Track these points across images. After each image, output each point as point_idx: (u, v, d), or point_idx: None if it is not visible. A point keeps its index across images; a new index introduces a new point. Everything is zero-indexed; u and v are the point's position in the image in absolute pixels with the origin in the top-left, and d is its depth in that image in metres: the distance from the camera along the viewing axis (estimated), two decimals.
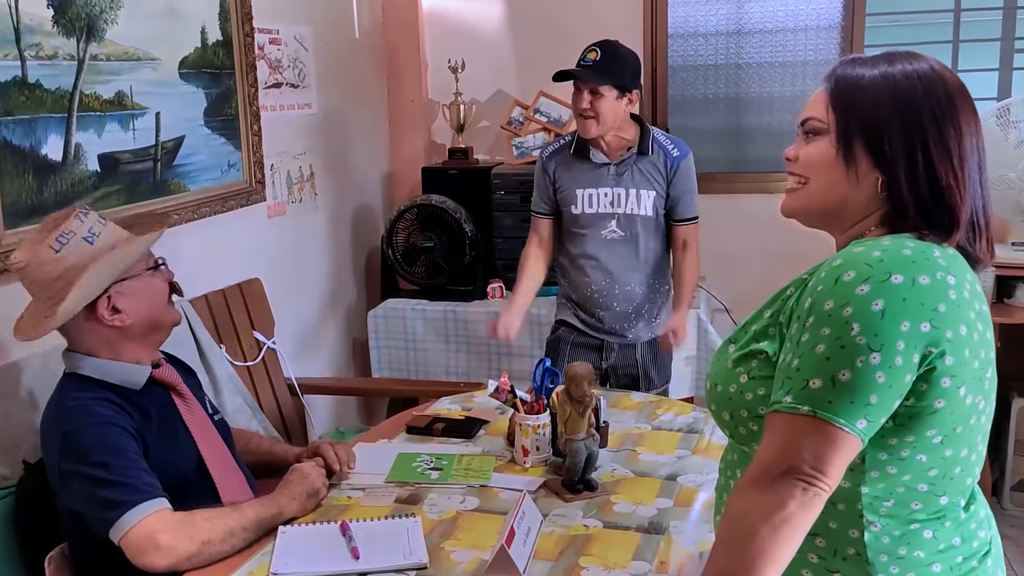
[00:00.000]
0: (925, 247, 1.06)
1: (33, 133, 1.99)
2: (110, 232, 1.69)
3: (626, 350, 2.66)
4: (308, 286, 3.37)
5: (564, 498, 1.76)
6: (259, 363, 2.77)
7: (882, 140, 1.08)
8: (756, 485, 1.03)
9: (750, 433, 1.14)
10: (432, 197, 3.45)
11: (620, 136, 2.57)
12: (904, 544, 1.08)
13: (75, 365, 1.69)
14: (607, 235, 2.60)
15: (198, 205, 2.56)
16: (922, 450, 1.06)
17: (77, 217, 1.65)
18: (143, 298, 1.71)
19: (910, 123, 1.08)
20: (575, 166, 2.62)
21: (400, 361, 3.49)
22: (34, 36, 1.98)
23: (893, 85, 1.09)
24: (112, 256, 1.65)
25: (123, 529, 1.52)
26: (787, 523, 1.00)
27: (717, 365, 1.21)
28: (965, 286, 1.06)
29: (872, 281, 1.00)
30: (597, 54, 2.49)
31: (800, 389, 1.02)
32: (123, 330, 1.68)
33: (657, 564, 1.51)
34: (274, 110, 3.03)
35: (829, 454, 1.00)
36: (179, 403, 1.78)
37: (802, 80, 3.71)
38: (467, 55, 3.74)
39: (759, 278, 3.42)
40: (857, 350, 0.99)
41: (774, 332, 1.13)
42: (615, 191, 2.58)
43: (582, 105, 2.49)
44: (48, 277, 1.62)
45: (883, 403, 1.00)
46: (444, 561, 1.54)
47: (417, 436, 2.12)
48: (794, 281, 1.15)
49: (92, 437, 1.57)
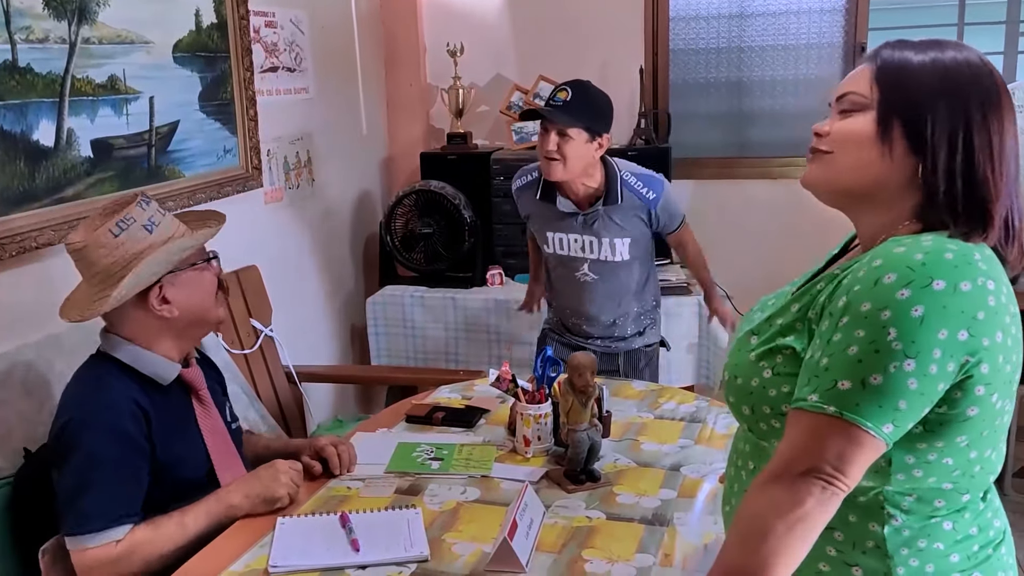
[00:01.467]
0: (967, 250, 1.02)
1: (24, 118, 1.95)
2: (168, 223, 1.69)
3: (607, 358, 2.64)
4: (306, 273, 3.34)
5: (566, 489, 1.74)
6: (256, 351, 2.74)
7: (924, 124, 1.05)
8: (776, 482, 1.01)
9: (771, 429, 1.11)
10: (431, 183, 3.42)
11: (587, 184, 2.43)
12: (924, 536, 1.07)
13: (111, 347, 1.67)
14: (580, 277, 2.55)
15: (193, 191, 2.52)
16: (949, 454, 1.04)
17: (139, 204, 1.64)
18: (193, 290, 1.70)
19: (956, 110, 1.04)
20: (544, 210, 2.52)
21: (399, 348, 3.46)
22: (24, 19, 1.93)
23: (943, 70, 1.06)
24: (170, 246, 1.64)
25: (80, 546, 1.54)
26: (803, 521, 0.99)
27: (738, 356, 1.18)
28: (1003, 290, 1.02)
29: (914, 286, 0.97)
30: (568, 94, 2.34)
31: (828, 389, 0.99)
32: (169, 321, 1.67)
33: (662, 557, 1.49)
34: (270, 94, 2.98)
35: (852, 455, 0.98)
36: (197, 408, 1.75)
37: (805, 64, 3.67)
38: (466, 39, 3.69)
39: (761, 263, 3.41)
40: (892, 355, 0.96)
41: (802, 328, 1.10)
42: (585, 238, 2.50)
43: (548, 147, 2.34)
44: (105, 261, 1.62)
45: (912, 409, 0.98)
46: (445, 553, 1.52)
47: (417, 425, 2.10)
48: (825, 276, 1.12)
49: (95, 444, 1.56)
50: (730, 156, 3.80)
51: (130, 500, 1.58)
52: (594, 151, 2.38)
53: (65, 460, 1.56)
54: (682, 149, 3.66)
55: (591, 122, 2.34)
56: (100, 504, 1.54)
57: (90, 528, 1.53)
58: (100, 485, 1.54)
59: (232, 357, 2.58)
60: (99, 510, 1.54)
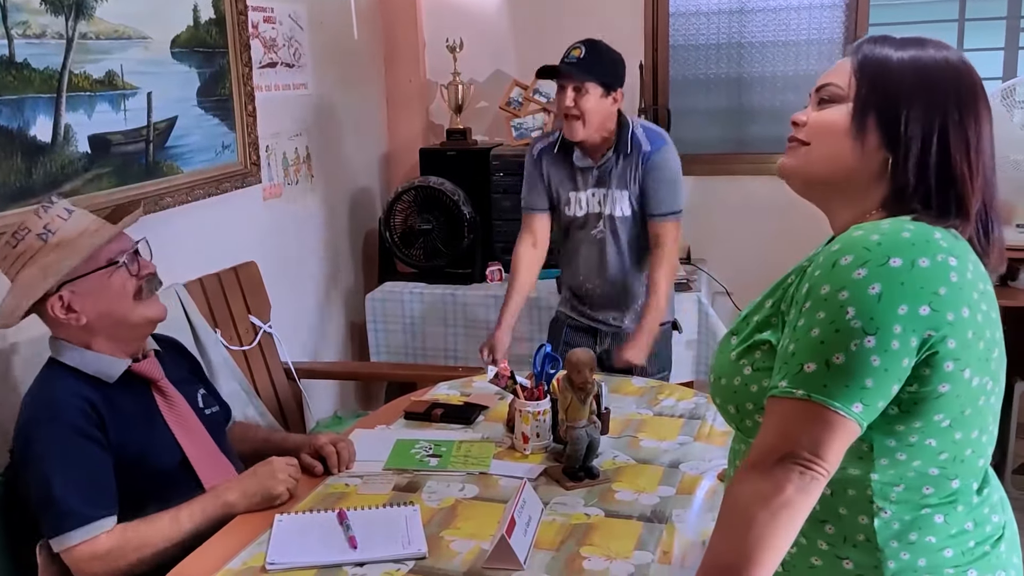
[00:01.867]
0: (926, 229, 1.04)
1: (21, 114, 1.94)
2: (73, 225, 1.65)
3: (619, 338, 2.63)
4: (305, 269, 3.33)
5: (565, 486, 1.74)
6: (255, 347, 2.74)
7: (899, 119, 1.07)
8: (754, 471, 1.02)
9: (756, 425, 1.12)
10: (430, 179, 3.41)
11: (603, 136, 2.49)
12: (915, 529, 1.07)
13: (57, 351, 1.69)
14: (596, 235, 2.58)
15: (192, 187, 2.52)
16: (931, 435, 1.05)
17: (38, 212, 1.63)
18: (98, 297, 1.66)
19: (932, 107, 1.06)
20: (562, 167, 2.58)
21: (398, 344, 3.46)
22: (21, 14, 1.93)
23: (922, 67, 1.08)
24: (48, 259, 1.62)
25: (65, 545, 1.54)
26: (785, 508, 0.99)
27: (720, 358, 1.20)
28: (968, 267, 1.04)
29: (870, 265, 0.99)
30: (582, 51, 2.44)
31: (795, 373, 1.01)
32: (88, 326, 1.66)
33: (660, 555, 1.49)
34: (269, 90, 2.98)
35: (825, 438, 0.99)
36: (159, 399, 1.75)
37: (805, 59, 3.66)
38: (465, 34, 3.68)
39: (760, 259, 3.39)
40: (852, 334, 0.98)
41: (776, 321, 1.12)
42: (599, 191, 2.54)
43: (566, 103, 2.43)
44: (5, 274, 1.63)
45: (880, 387, 0.99)
46: (443, 551, 1.52)
47: (415, 422, 2.10)
48: (795, 269, 1.14)
49: (46, 439, 1.57)
50: (730, 152, 3.79)
51: (100, 493, 1.58)
52: (609, 105, 2.46)
53: (25, 464, 1.58)
54: (682, 145, 3.60)
55: (605, 76, 2.43)
56: (68, 500, 1.54)
57: (67, 526, 1.53)
58: (63, 481, 1.54)
59: (231, 354, 2.57)
60: (69, 507, 1.54)
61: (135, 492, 1.62)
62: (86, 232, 1.66)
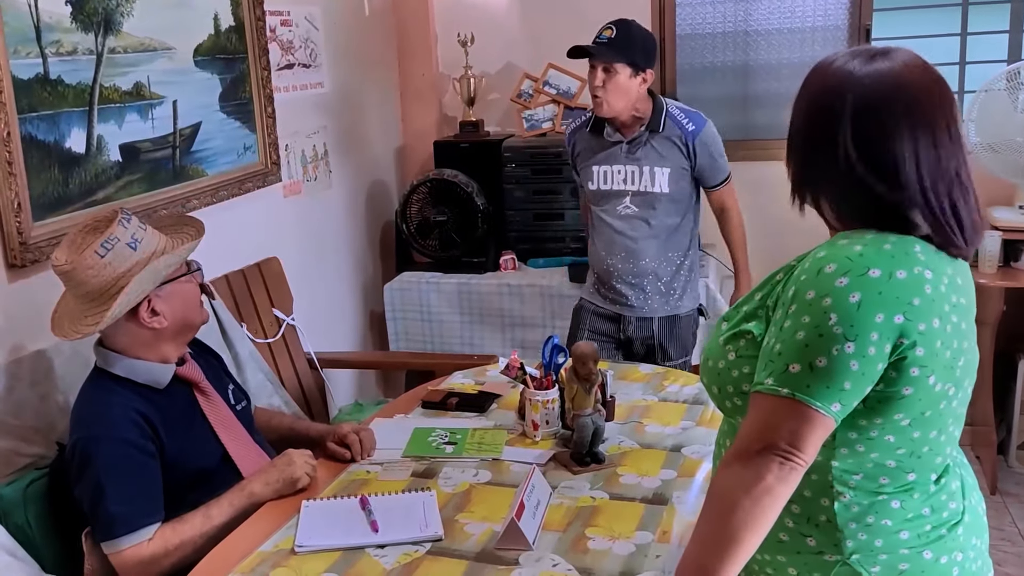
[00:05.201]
0: (906, 242, 1.11)
1: (56, 127, 2.06)
2: (151, 237, 1.78)
3: (643, 322, 2.72)
4: (325, 262, 3.45)
5: (572, 471, 1.84)
6: (279, 339, 2.86)
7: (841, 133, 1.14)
8: (738, 459, 1.12)
9: (735, 407, 1.23)
10: (444, 172, 3.51)
11: (634, 115, 2.61)
12: (872, 513, 1.16)
13: (106, 362, 1.79)
14: (622, 211, 2.66)
15: (216, 189, 2.63)
16: (890, 431, 1.13)
17: (120, 223, 1.73)
18: (179, 301, 1.81)
19: (881, 121, 1.12)
20: (592, 143, 2.69)
21: (416, 333, 3.57)
22: (54, 33, 2.04)
23: (865, 84, 1.13)
24: (156, 264, 1.74)
25: (114, 549, 1.66)
26: (766, 495, 1.08)
27: (711, 342, 1.30)
28: (943, 280, 1.11)
29: (851, 275, 1.07)
30: (612, 32, 2.53)
31: (781, 372, 1.09)
32: (159, 331, 1.78)
33: (659, 534, 1.59)
34: (287, 91, 3.08)
35: (805, 433, 1.08)
36: (201, 400, 1.88)
37: (810, 46, 3.71)
38: (476, 28, 3.76)
39: (768, 244, 3.47)
40: (834, 339, 1.06)
41: (762, 315, 1.21)
42: (628, 168, 2.63)
43: (595, 83, 2.54)
44: (94, 282, 1.71)
45: (856, 389, 1.08)
46: (458, 533, 1.63)
47: (432, 411, 2.21)
48: (783, 267, 1.22)
49: (104, 455, 1.68)
50: (736, 139, 3.85)
51: (149, 501, 1.70)
52: (638, 85, 2.56)
53: (80, 476, 1.70)
54: None
55: (634, 57, 2.52)
56: (119, 510, 1.66)
57: (116, 533, 1.66)
58: (115, 493, 1.66)
59: (256, 346, 2.70)
60: (120, 515, 1.66)
61: (182, 489, 1.75)
62: (160, 245, 1.78)
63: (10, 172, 1.91)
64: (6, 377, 1.90)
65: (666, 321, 2.73)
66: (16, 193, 1.93)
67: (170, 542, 1.68)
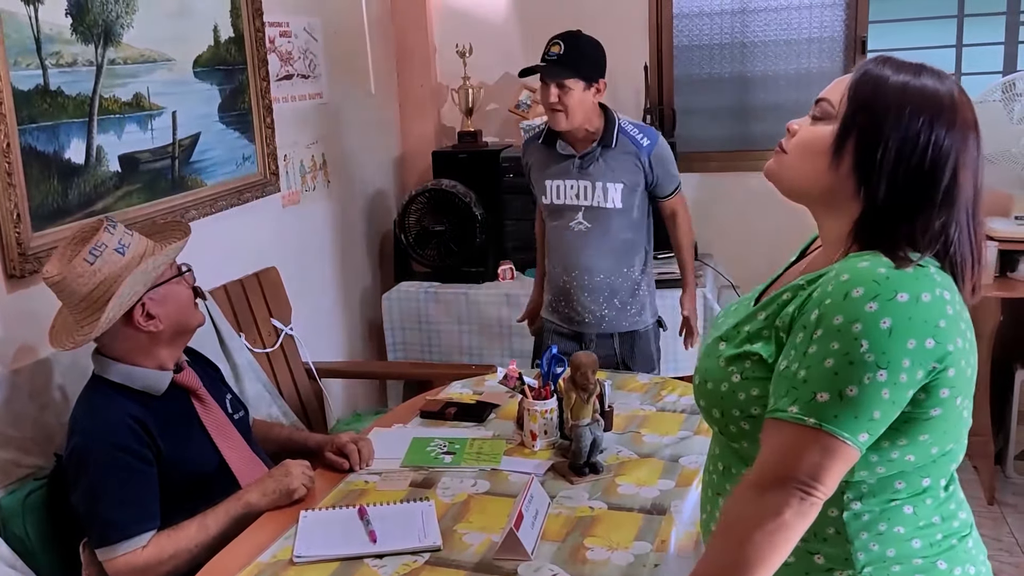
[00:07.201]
0: (924, 263, 1.08)
1: (56, 138, 2.07)
2: (138, 242, 1.79)
3: (603, 339, 2.71)
4: (323, 272, 3.45)
5: (570, 480, 1.85)
6: (277, 349, 2.86)
7: (876, 149, 1.08)
8: (755, 491, 1.06)
9: (741, 432, 1.17)
10: (442, 182, 3.52)
11: (586, 128, 2.59)
12: (884, 520, 1.11)
13: (103, 369, 1.80)
14: (575, 226, 2.65)
15: (215, 199, 2.64)
16: (911, 451, 1.10)
17: (107, 230, 1.74)
18: (173, 303, 1.82)
19: (910, 140, 1.08)
20: (545, 156, 2.68)
21: (414, 343, 3.58)
22: (54, 44, 2.05)
23: (908, 98, 1.09)
24: (145, 265, 1.75)
25: (108, 555, 1.67)
26: (781, 530, 1.04)
27: (707, 362, 1.23)
28: (957, 299, 1.09)
29: (880, 299, 1.02)
30: (560, 47, 2.52)
31: (807, 401, 1.04)
32: (155, 335, 1.79)
33: (657, 543, 1.59)
34: (286, 101, 3.09)
35: (829, 465, 1.03)
36: (198, 407, 1.88)
37: (807, 57, 3.74)
38: (475, 39, 3.78)
39: (766, 255, 3.46)
40: (865, 367, 1.01)
41: (769, 335, 1.15)
42: (581, 183, 2.62)
43: (550, 99, 2.52)
44: (84, 289, 1.72)
45: (884, 418, 1.04)
46: (456, 543, 1.63)
47: (430, 420, 2.21)
48: (790, 286, 1.16)
49: (100, 461, 1.69)
50: (734, 149, 3.87)
51: (144, 508, 1.70)
52: (592, 96, 2.55)
53: (76, 482, 1.70)
54: (687, 143, 3.75)
55: (585, 70, 2.51)
56: (114, 516, 1.67)
57: (111, 539, 1.66)
58: (111, 499, 1.67)
59: (255, 356, 2.70)
60: (115, 521, 1.66)
61: (178, 496, 1.76)
62: (148, 249, 1.79)
63: (10, 183, 1.92)
64: (5, 388, 1.90)
65: (627, 337, 2.72)
66: (15, 204, 1.94)
67: (165, 550, 1.68)
